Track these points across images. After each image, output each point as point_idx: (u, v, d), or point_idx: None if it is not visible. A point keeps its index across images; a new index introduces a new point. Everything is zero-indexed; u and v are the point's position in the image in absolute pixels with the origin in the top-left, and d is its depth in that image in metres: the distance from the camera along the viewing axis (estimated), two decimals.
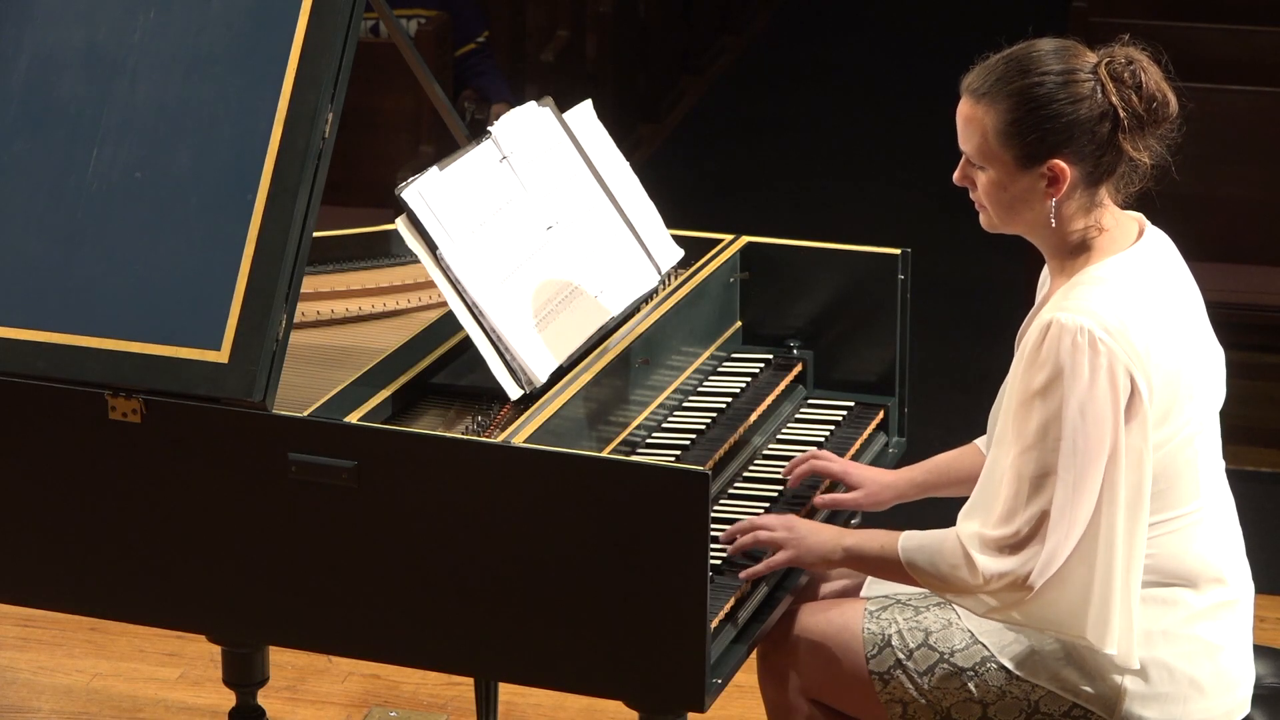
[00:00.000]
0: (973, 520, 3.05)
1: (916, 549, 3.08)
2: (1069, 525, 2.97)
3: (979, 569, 3.00)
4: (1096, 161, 3.02)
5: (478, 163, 3.35)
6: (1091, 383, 2.94)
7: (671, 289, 3.62)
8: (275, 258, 3.09)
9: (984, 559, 3.00)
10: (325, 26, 3.14)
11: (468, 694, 4.32)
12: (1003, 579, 3.00)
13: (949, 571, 3.04)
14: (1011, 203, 3.05)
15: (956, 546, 3.03)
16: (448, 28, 6.56)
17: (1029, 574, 2.98)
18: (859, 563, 3.17)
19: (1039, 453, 2.97)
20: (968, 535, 3.03)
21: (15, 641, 4.78)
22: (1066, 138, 3.00)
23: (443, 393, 3.36)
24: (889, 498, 3.45)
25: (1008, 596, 3.01)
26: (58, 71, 3.29)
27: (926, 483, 3.44)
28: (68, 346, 3.18)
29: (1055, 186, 3.02)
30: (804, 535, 3.17)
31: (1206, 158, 5.59)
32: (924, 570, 3.07)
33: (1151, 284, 3.04)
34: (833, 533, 3.19)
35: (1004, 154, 3.02)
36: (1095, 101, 3.00)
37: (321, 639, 3.20)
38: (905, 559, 3.08)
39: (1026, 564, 2.98)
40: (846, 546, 3.15)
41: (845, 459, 3.49)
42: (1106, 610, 3.00)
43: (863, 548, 3.14)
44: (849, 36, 10.08)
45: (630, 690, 3.02)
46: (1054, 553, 2.98)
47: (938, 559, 3.05)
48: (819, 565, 3.20)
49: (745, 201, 7.86)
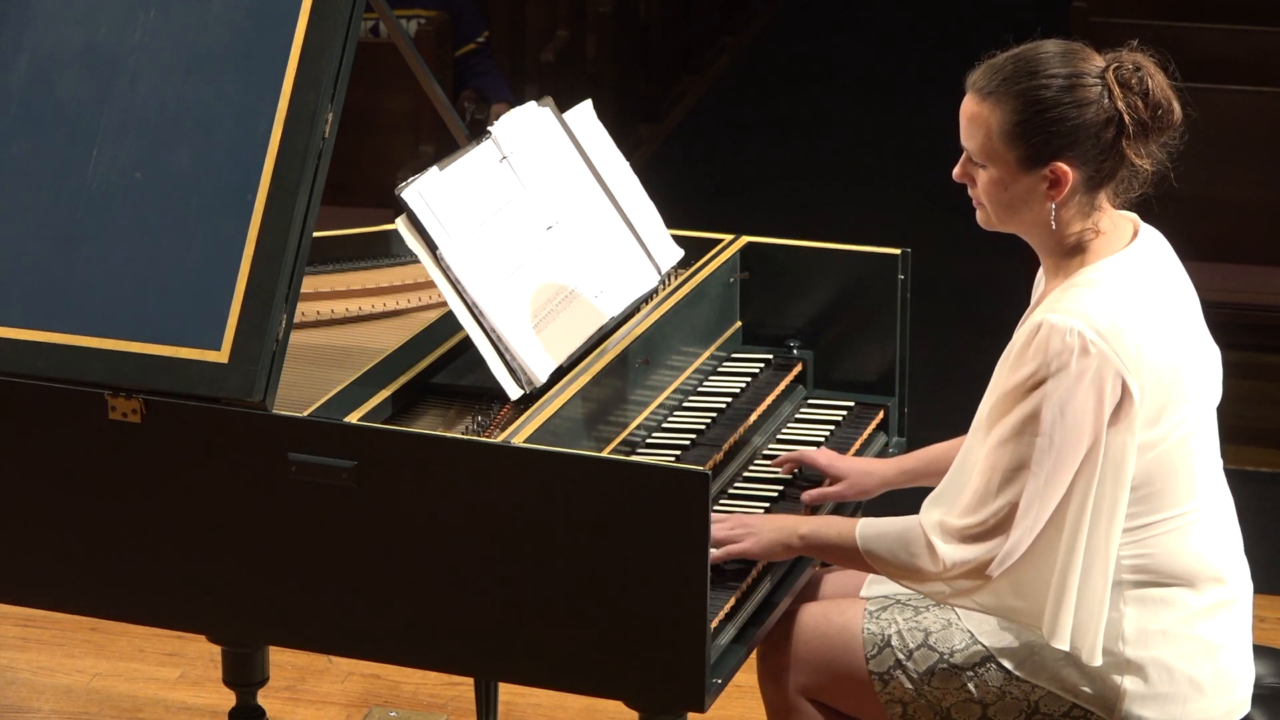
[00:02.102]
0: (937, 509, 3.07)
1: (875, 537, 3.09)
2: (1034, 519, 2.99)
3: (940, 556, 3.02)
4: (1099, 166, 3.01)
5: (478, 163, 3.35)
6: (1076, 384, 2.94)
7: (671, 289, 3.62)
8: (275, 258, 3.09)
9: (946, 547, 3.02)
10: (325, 26, 3.14)
11: (468, 694, 4.32)
12: (963, 567, 3.01)
13: (908, 560, 3.05)
14: (1011, 202, 3.05)
15: (918, 534, 3.05)
16: (448, 28, 6.57)
17: (989, 563, 3.00)
18: (817, 549, 3.18)
19: (1015, 446, 2.98)
20: (930, 523, 3.04)
21: (15, 641, 4.78)
22: (1071, 141, 2.99)
23: (443, 393, 3.36)
24: (873, 485, 3.45)
25: (963, 584, 3.03)
26: (58, 71, 3.29)
27: (916, 471, 3.44)
28: (68, 346, 3.18)
29: (1056, 189, 3.02)
30: (757, 527, 3.18)
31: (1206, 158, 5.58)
32: (882, 558, 3.08)
33: (1146, 284, 3.04)
34: (788, 519, 3.21)
35: (1007, 154, 3.02)
36: (1101, 107, 2.99)
37: (321, 639, 3.20)
38: (863, 547, 3.09)
39: (989, 553, 3.00)
40: (803, 534, 3.17)
41: (833, 453, 3.49)
42: (1061, 605, 3.00)
43: (819, 534, 3.16)
44: (849, 36, 10.07)
45: (630, 690, 3.02)
46: (1015, 545, 3.00)
47: (897, 547, 3.06)
48: (779, 552, 3.19)
49: (745, 201, 7.86)
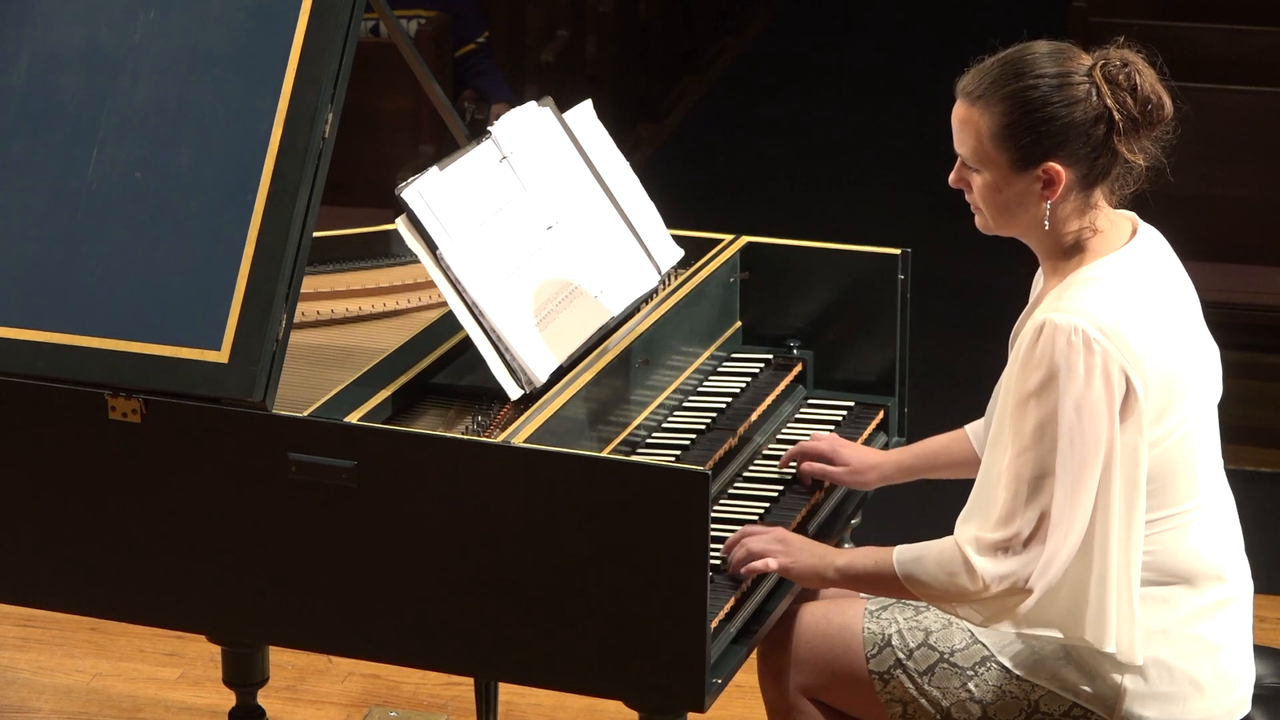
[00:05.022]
0: (970, 525, 3.03)
1: (912, 560, 3.05)
2: (1069, 526, 2.96)
3: (979, 573, 2.99)
4: (1091, 164, 3.01)
5: (478, 163, 3.35)
6: (1087, 382, 2.94)
7: (671, 289, 3.62)
8: (275, 258, 3.09)
9: (983, 562, 2.99)
10: (325, 26, 3.14)
11: (468, 694, 4.32)
12: (1003, 582, 2.98)
13: (947, 580, 3.01)
14: (1006, 205, 3.05)
15: (955, 553, 3.01)
16: (448, 28, 6.57)
17: (1029, 576, 2.97)
18: (853, 581, 3.14)
19: (1036, 453, 2.97)
20: (966, 540, 3.01)
21: (15, 641, 4.78)
22: (1061, 141, 2.99)
23: (443, 393, 3.36)
24: (873, 478, 3.45)
25: (1007, 600, 3.00)
26: (58, 71, 3.29)
27: (914, 466, 3.44)
28: (68, 346, 3.18)
29: (1050, 189, 3.01)
30: (797, 549, 3.15)
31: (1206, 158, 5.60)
32: (921, 581, 3.04)
33: (1145, 282, 3.04)
34: (825, 550, 3.17)
35: (999, 157, 3.02)
36: (1090, 104, 2.99)
37: (321, 639, 3.20)
38: (901, 572, 3.05)
39: (1027, 566, 2.97)
40: (839, 566, 3.12)
41: (836, 436, 3.48)
42: (1104, 609, 2.99)
43: (856, 565, 3.11)
44: (849, 36, 10.08)
45: (630, 690, 3.02)
46: (1054, 554, 2.97)
47: (935, 569, 3.02)
48: (811, 580, 3.17)
49: (745, 201, 7.86)
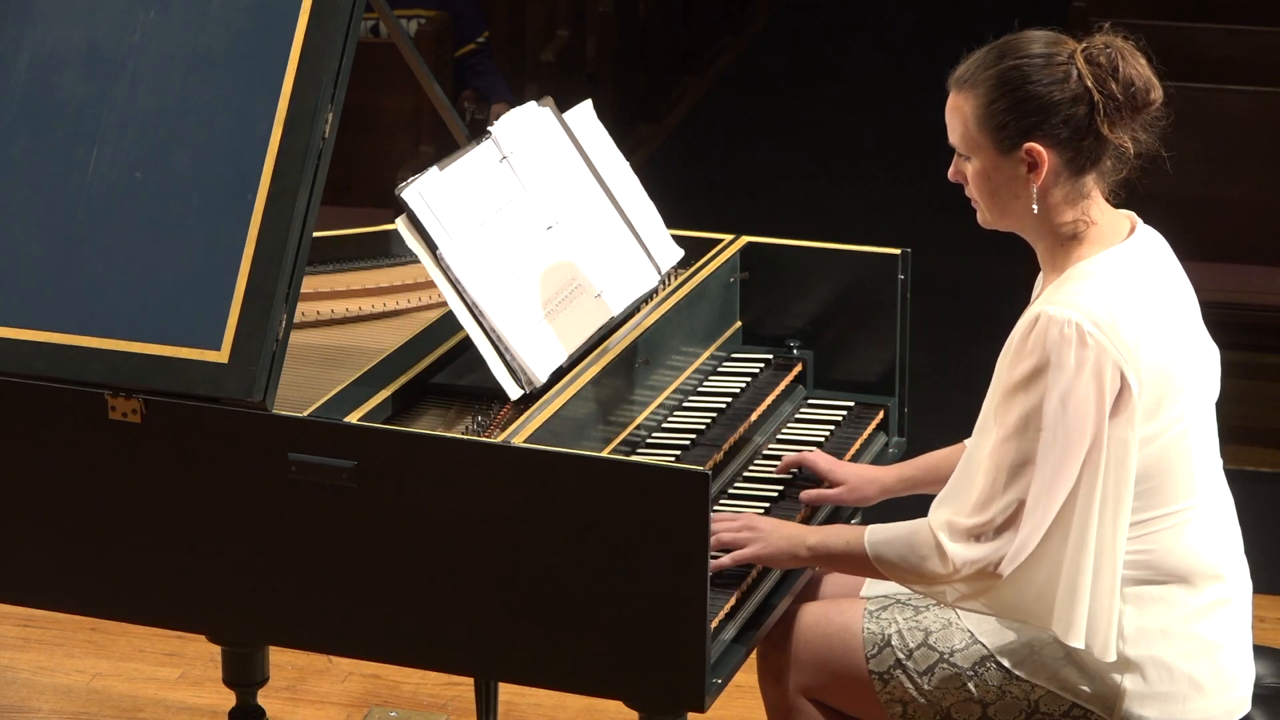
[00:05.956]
0: (944, 509, 3.06)
1: (884, 542, 3.08)
2: (1042, 515, 2.98)
3: (950, 557, 3.01)
4: (1076, 147, 3.02)
5: (478, 163, 3.35)
6: (1076, 375, 2.94)
7: (671, 289, 3.62)
8: (275, 258, 3.09)
9: (955, 547, 3.01)
10: (325, 26, 3.14)
11: (468, 694, 4.32)
12: (973, 566, 3.00)
13: (918, 563, 3.04)
14: (997, 191, 3.06)
15: (928, 536, 3.04)
16: (448, 28, 6.57)
17: (1000, 561, 2.99)
18: (826, 560, 3.17)
19: (1018, 442, 2.97)
20: (939, 523, 3.03)
21: (15, 641, 4.78)
22: (1040, 120, 3.00)
23: (443, 393, 3.36)
24: (873, 493, 3.45)
25: (976, 584, 3.02)
26: (58, 71, 3.29)
27: (915, 479, 3.44)
28: (68, 346, 3.18)
29: (1035, 172, 3.02)
30: (767, 533, 3.17)
31: (1206, 158, 5.60)
32: (892, 563, 3.07)
33: (1142, 279, 3.04)
34: (796, 529, 3.19)
35: (983, 139, 3.03)
36: (1070, 85, 3.00)
37: (321, 639, 3.20)
38: (873, 553, 3.08)
39: (998, 551, 2.99)
40: (811, 545, 3.15)
41: (834, 458, 3.49)
42: (1074, 602, 3.00)
43: (828, 544, 3.14)
44: (849, 36, 10.07)
45: (630, 690, 3.02)
46: (1025, 541, 2.99)
47: (907, 551, 3.05)
48: (785, 561, 3.18)
49: (745, 201, 7.86)
